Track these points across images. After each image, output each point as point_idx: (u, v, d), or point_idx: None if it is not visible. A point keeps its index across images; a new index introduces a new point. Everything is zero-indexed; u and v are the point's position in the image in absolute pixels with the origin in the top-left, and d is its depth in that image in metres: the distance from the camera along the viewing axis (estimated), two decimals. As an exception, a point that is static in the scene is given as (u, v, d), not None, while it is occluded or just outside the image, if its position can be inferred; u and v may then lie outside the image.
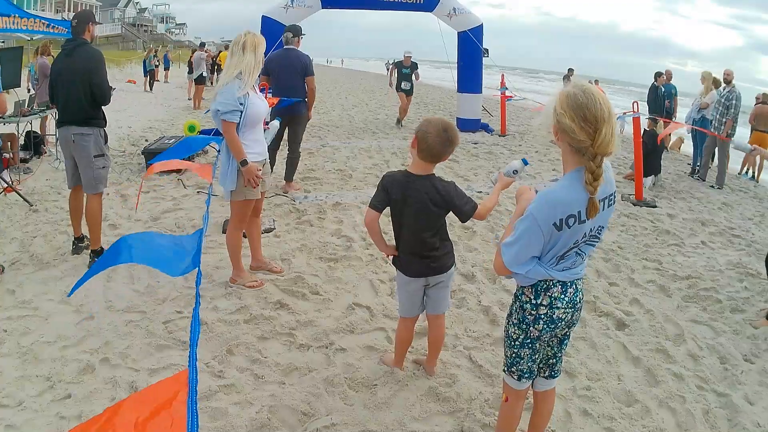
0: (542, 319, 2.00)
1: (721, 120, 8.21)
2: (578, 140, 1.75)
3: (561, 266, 1.95)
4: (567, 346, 2.24)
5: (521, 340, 2.08)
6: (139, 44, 46.16)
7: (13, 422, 2.47)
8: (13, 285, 3.79)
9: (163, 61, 23.56)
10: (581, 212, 1.82)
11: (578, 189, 1.81)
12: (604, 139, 1.72)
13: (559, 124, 1.80)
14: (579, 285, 2.05)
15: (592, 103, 1.73)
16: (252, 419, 2.55)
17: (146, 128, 10.66)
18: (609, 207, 1.93)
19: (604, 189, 1.84)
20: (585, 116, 1.73)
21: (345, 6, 11.15)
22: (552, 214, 1.81)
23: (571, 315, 2.04)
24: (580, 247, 1.93)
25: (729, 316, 3.91)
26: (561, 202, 1.82)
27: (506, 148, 10.06)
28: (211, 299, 3.68)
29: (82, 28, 4.07)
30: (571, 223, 1.82)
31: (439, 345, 2.95)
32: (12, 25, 9.24)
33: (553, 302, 1.98)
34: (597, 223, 1.89)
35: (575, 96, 1.76)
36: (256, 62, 3.52)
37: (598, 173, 1.76)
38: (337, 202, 6.05)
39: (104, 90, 4.05)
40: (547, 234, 1.84)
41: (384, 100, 19.24)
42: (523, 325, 2.05)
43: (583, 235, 1.89)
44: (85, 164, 4.09)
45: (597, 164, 1.75)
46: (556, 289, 1.98)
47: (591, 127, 1.73)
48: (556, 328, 2.04)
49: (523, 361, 2.11)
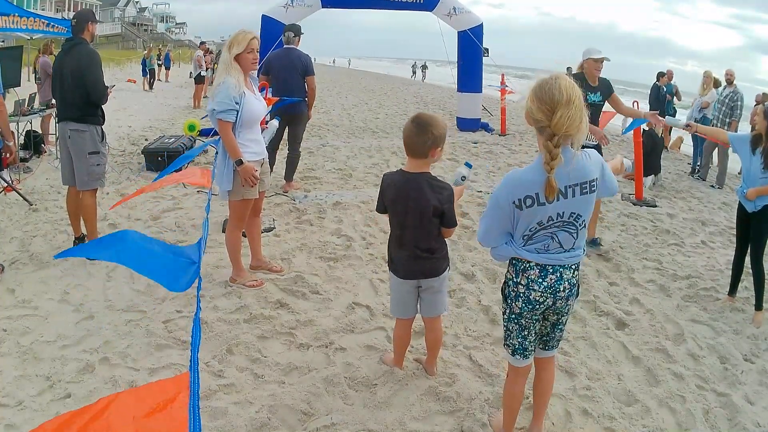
0: (521, 298, 2.13)
1: (724, 120, 8.20)
2: (536, 119, 1.91)
3: (532, 247, 2.05)
4: (562, 330, 2.28)
5: (507, 314, 2.23)
6: (139, 43, 46.14)
7: (12, 422, 2.47)
8: (12, 284, 3.79)
9: (164, 60, 23.55)
10: (539, 194, 1.93)
11: (540, 171, 1.93)
12: (560, 120, 1.85)
13: (527, 108, 1.96)
14: (566, 275, 2.08)
15: (551, 87, 1.89)
16: (252, 419, 2.54)
17: (146, 127, 10.65)
18: (585, 194, 1.98)
19: (573, 175, 1.93)
20: (542, 98, 1.89)
21: (345, 5, 11.15)
22: (512, 193, 1.96)
23: (552, 301, 2.10)
24: (552, 231, 2.00)
25: (729, 315, 3.91)
26: (520, 181, 1.96)
27: (506, 147, 10.06)
28: (211, 299, 3.68)
29: (81, 27, 4.09)
30: (528, 204, 1.95)
31: (437, 346, 2.95)
32: (12, 24, 9.24)
33: (530, 284, 2.09)
34: (568, 208, 1.97)
35: (540, 81, 1.93)
36: (243, 55, 3.49)
37: (555, 153, 1.87)
38: (337, 201, 6.04)
39: (99, 89, 4.07)
40: (509, 212, 1.99)
41: (384, 100, 19.24)
42: (508, 299, 2.20)
43: (549, 218, 1.97)
44: (80, 160, 4.12)
45: (554, 144, 1.87)
46: (533, 272, 2.08)
47: (547, 107, 1.88)
48: (535, 310, 2.13)
49: (512, 335, 2.24)
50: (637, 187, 6.85)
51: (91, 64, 4.04)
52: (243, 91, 3.50)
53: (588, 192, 1.99)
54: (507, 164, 8.45)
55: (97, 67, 4.11)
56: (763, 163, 3.69)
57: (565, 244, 2.05)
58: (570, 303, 2.16)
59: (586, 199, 2.00)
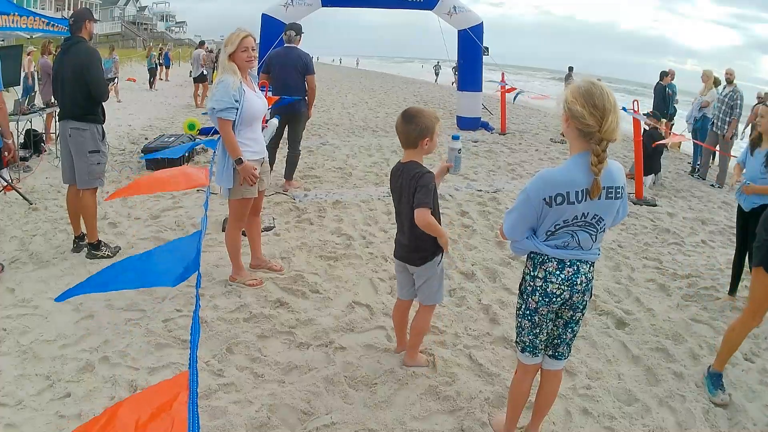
0: (537, 292, 2.16)
1: (723, 119, 8.20)
2: (587, 124, 1.94)
3: (552, 243, 2.11)
4: (573, 333, 2.28)
5: (522, 311, 2.26)
6: (139, 42, 46.09)
7: (12, 421, 2.47)
8: (12, 283, 3.79)
9: (164, 59, 23.52)
10: (569, 193, 1.99)
11: (574, 171, 2.00)
12: (610, 125, 1.93)
13: (570, 111, 1.98)
14: (583, 269, 2.14)
15: (600, 93, 1.95)
16: (252, 418, 2.54)
17: (146, 126, 10.65)
18: (611, 199, 2.04)
19: (607, 177, 1.99)
20: (594, 104, 1.94)
21: (345, 4, 11.14)
22: (543, 190, 2.02)
23: (569, 294, 2.14)
24: (573, 229, 2.06)
25: (729, 315, 3.91)
26: (554, 180, 2.02)
27: (506, 146, 10.05)
28: (210, 298, 3.68)
29: (78, 26, 4.10)
30: (558, 201, 2.01)
31: (416, 334, 2.98)
32: (12, 23, 9.22)
33: (547, 276, 2.13)
34: (594, 210, 2.03)
35: (585, 87, 1.98)
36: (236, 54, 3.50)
37: (603, 156, 1.95)
38: (337, 200, 6.04)
39: (99, 86, 4.08)
40: (538, 208, 2.04)
41: (384, 98, 19.22)
42: (524, 295, 2.24)
43: (575, 216, 2.03)
44: (80, 158, 4.12)
45: (603, 148, 1.94)
46: (551, 264, 2.13)
47: (599, 113, 1.93)
48: (552, 303, 2.16)
49: (524, 332, 2.27)
50: (637, 186, 6.85)
51: (91, 61, 4.05)
52: (243, 89, 3.50)
53: (614, 197, 2.05)
54: (507, 163, 8.43)
55: (97, 64, 4.12)
56: (765, 162, 3.69)
57: (583, 244, 2.11)
58: (586, 298, 2.19)
59: (612, 204, 2.06)
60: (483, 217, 5.77)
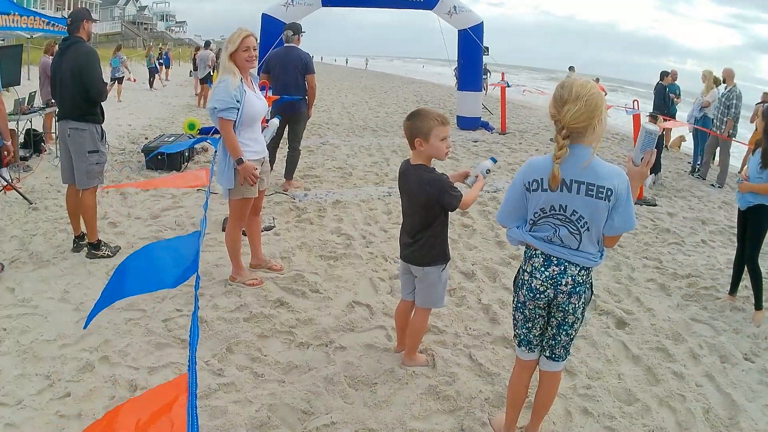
0: (525, 285, 2.24)
1: (721, 119, 8.20)
2: (551, 114, 2.09)
3: (537, 234, 2.17)
4: (568, 336, 2.26)
5: (515, 303, 2.34)
6: (139, 42, 46.07)
7: (12, 421, 2.47)
8: (12, 283, 3.78)
9: (164, 59, 23.50)
10: (543, 179, 2.09)
11: (549, 159, 2.09)
12: (566, 113, 2.01)
13: (548, 105, 2.13)
14: (570, 270, 2.13)
15: (565, 85, 2.07)
16: (252, 418, 2.54)
17: (146, 126, 10.64)
18: (590, 197, 2.05)
19: (584, 173, 2.03)
20: (558, 95, 2.07)
21: (345, 4, 11.14)
22: (525, 175, 2.15)
23: (553, 293, 2.16)
24: (554, 222, 2.11)
25: (729, 314, 3.91)
26: (531, 166, 2.15)
27: (506, 146, 10.06)
28: (210, 297, 3.67)
29: (76, 26, 4.08)
30: (534, 187, 2.12)
31: (413, 336, 2.98)
32: (12, 23, 9.23)
33: (533, 271, 2.20)
34: (568, 203, 2.06)
35: (560, 83, 2.12)
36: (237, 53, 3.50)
37: (562, 144, 2.04)
38: (337, 200, 6.04)
39: (98, 87, 4.06)
40: (522, 193, 2.16)
41: (384, 98, 19.22)
42: (515, 287, 2.32)
43: (551, 207, 2.09)
44: (79, 158, 4.12)
45: (562, 135, 2.04)
46: (537, 260, 2.18)
47: (559, 103, 2.05)
48: (536, 299, 2.20)
49: (518, 324, 2.34)
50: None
51: (89, 62, 4.03)
52: (243, 89, 3.50)
53: (594, 195, 2.03)
54: (507, 163, 8.44)
55: (96, 64, 4.10)
56: (762, 163, 3.70)
57: (567, 241, 2.11)
58: (574, 302, 2.16)
59: (591, 203, 2.03)
60: (483, 216, 5.77)
